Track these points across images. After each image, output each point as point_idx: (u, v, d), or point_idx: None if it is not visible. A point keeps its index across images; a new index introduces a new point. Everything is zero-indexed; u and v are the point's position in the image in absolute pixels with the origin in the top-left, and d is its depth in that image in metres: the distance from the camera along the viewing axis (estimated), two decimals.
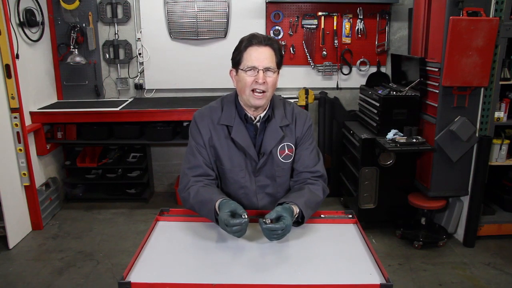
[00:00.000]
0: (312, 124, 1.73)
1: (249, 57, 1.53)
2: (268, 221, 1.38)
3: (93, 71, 3.90)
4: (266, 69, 1.53)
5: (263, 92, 1.55)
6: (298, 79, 3.98)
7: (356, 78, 4.00)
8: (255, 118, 1.65)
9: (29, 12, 3.33)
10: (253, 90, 1.55)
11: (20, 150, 3.19)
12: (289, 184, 1.72)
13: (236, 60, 1.58)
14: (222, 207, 1.45)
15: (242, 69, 1.55)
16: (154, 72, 3.94)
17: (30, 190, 3.31)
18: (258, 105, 1.58)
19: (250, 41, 1.54)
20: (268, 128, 1.65)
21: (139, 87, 3.95)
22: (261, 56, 1.53)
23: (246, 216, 1.39)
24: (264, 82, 1.53)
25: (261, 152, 1.64)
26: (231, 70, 1.63)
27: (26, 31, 3.33)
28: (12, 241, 3.12)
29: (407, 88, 3.21)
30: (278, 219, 1.41)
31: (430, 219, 3.28)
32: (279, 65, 1.58)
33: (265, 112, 1.65)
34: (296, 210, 1.49)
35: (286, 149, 1.67)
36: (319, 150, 1.76)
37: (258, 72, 1.52)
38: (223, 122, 1.64)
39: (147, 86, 3.98)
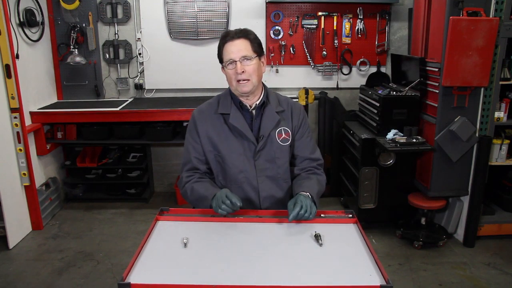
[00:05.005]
0: (306, 115, 1.87)
1: (226, 52, 1.68)
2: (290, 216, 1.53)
3: (93, 71, 3.90)
4: (243, 58, 1.66)
5: (247, 80, 1.66)
6: (298, 79, 3.98)
7: (356, 78, 4.00)
8: (251, 106, 1.75)
9: (29, 12, 3.33)
10: (238, 81, 1.66)
11: (20, 150, 3.19)
12: (290, 169, 1.82)
13: (219, 57, 1.74)
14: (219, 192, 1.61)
15: (224, 65, 1.71)
16: (154, 72, 3.94)
17: (30, 190, 3.31)
18: (245, 92, 1.69)
19: (224, 38, 1.70)
20: (264, 113, 1.75)
21: (139, 87, 3.95)
22: (235, 48, 1.66)
23: (239, 204, 1.55)
24: (243, 72, 1.65)
25: (260, 135, 1.73)
26: (222, 67, 1.75)
27: (26, 31, 3.33)
28: (12, 241, 3.12)
29: (407, 88, 3.21)
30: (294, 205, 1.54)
31: (430, 219, 3.28)
32: (258, 52, 1.70)
33: (260, 99, 1.75)
34: (307, 194, 1.62)
35: (283, 133, 1.78)
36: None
37: (236, 63, 1.65)
38: (220, 111, 1.75)
39: (147, 86, 3.98)
